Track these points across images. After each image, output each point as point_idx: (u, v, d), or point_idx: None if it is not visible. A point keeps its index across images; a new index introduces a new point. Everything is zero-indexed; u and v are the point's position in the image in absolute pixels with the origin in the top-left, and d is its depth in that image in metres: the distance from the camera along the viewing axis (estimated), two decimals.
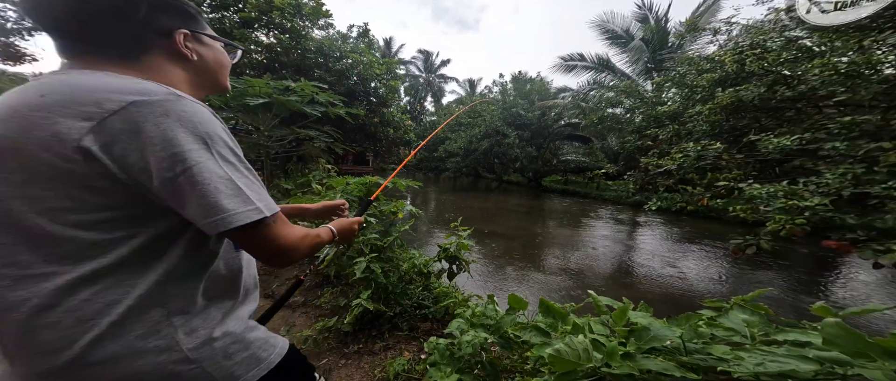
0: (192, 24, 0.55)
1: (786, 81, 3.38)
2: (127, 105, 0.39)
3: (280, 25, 6.92)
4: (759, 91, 3.57)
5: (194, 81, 0.57)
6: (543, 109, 14.64)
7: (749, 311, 0.74)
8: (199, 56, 0.55)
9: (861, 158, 2.14)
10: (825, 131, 2.61)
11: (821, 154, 2.57)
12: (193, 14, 0.55)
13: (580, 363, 0.54)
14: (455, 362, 1.09)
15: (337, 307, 2.28)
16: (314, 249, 0.57)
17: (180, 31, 0.52)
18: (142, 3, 0.47)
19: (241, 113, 4.05)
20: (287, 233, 0.49)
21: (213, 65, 0.58)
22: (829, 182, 2.14)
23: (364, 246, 2.02)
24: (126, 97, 0.40)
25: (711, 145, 3.15)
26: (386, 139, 9.90)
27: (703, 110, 4.15)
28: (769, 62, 3.40)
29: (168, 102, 0.41)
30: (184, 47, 0.52)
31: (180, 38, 0.52)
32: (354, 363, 1.81)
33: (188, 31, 0.53)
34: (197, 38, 0.55)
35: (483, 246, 5.30)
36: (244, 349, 0.50)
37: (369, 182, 2.35)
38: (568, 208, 10.51)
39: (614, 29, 12.03)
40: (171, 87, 0.46)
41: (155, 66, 0.50)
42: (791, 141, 2.58)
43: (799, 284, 4.54)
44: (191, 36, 0.54)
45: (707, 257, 5.53)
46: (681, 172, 3.46)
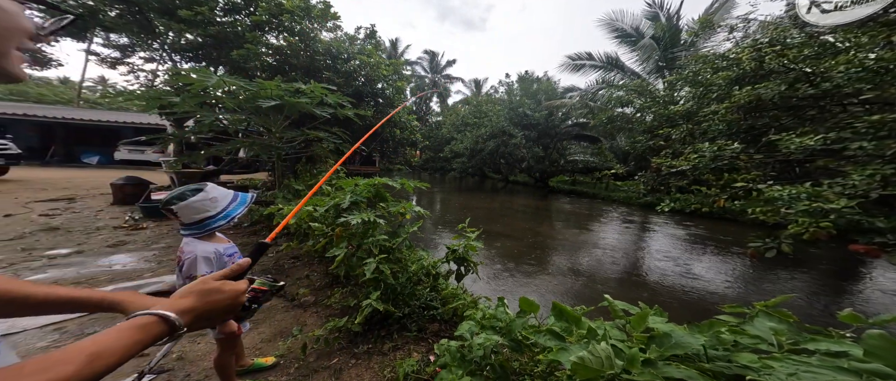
0: None
1: (808, 78, 3.25)
2: None
3: (289, 28, 7.03)
4: (780, 89, 3.45)
5: None
6: (550, 108, 14.48)
7: (776, 318, 0.72)
8: None
9: (890, 159, 2.04)
10: (851, 130, 2.50)
11: (846, 154, 2.47)
12: None
13: (603, 370, 0.53)
14: (466, 364, 1.09)
15: (347, 307, 2.30)
16: None
17: None
18: None
19: (254, 115, 4.13)
20: None
21: None
22: (856, 183, 2.05)
23: (373, 247, 2.03)
24: None
25: (728, 145, 3.05)
26: (393, 140, 9.95)
27: (718, 109, 4.03)
28: (790, 59, 3.27)
29: None
30: None
31: None
32: (364, 362, 1.82)
33: None
34: None
35: (489, 248, 5.27)
36: None
37: (378, 183, 2.36)
38: (576, 209, 10.36)
39: (623, 27, 11.80)
40: None
41: None
42: (815, 141, 2.48)
43: (819, 288, 4.36)
44: None
45: (723, 259, 5.37)
46: (696, 172, 3.37)
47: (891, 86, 2.45)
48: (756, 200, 2.43)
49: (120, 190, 5.63)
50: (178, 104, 3.69)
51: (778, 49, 3.34)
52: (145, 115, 15.32)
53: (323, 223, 2.59)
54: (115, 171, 11.15)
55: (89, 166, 12.93)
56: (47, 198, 5.92)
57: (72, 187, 7.29)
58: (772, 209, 2.24)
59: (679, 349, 0.63)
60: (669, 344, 0.64)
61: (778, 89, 3.39)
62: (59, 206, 5.39)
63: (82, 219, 4.61)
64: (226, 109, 4.09)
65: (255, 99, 3.60)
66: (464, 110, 20.08)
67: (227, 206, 1.17)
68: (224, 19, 6.88)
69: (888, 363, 0.45)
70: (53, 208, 5.20)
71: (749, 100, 3.51)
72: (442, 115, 26.13)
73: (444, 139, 20.01)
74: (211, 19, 6.49)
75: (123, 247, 3.55)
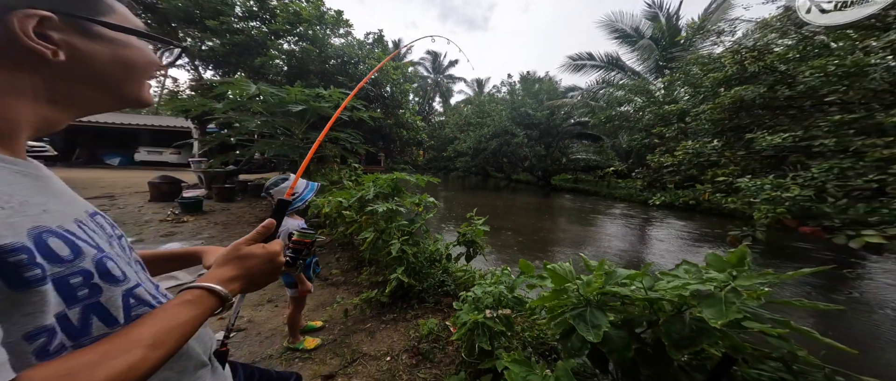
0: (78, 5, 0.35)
1: (785, 80, 3.56)
2: None
3: (303, 34, 7.46)
4: (760, 91, 3.76)
5: (53, 92, 0.36)
6: (552, 108, 14.76)
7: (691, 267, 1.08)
8: (74, 55, 0.35)
9: (852, 154, 2.35)
10: (817, 129, 2.82)
11: (813, 151, 2.80)
12: None
13: (568, 278, 0.90)
14: (478, 310, 1.47)
15: (375, 283, 2.70)
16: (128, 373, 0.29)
17: (29, 12, 0.32)
18: None
19: (278, 118, 4.55)
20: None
21: (103, 67, 0.37)
22: (816, 175, 2.38)
23: (396, 231, 2.42)
24: None
25: (709, 143, 3.38)
26: (399, 140, 10.35)
27: (704, 109, 4.35)
28: (767, 63, 3.58)
29: None
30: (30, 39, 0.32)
31: (25, 23, 0.32)
32: (392, 327, 2.22)
33: (54, 15, 0.33)
34: (82, 30, 0.35)
35: (494, 242, 5.62)
36: None
37: (397, 178, 2.76)
38: (578, 206, 10.64)
39: (623, 28, 12.02)
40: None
41: None
42: (783, 139, 2.81)
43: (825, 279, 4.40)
44: (61, 22, 0.34)
45: (716, 248, 5.66)
46: (682, 168, 3.69)
47: (850, 89, 2.77)
48: (731, 192, 2.75)
49: (157, 188, 6.15)
50: (219, 110, 4.13)
51: (756, 54, 3.65)
52: (161, 118, 15.90)
53: (352, 212, 3.00)
54: (136, 171, 11.71)
55: (111, 167, 13.55)
56: (90, 196, 6.44)
57: (107, 186, 7.83)
58: (743, 200, 2.57)
59: (622, 278, 1.01)
60: (616, 277, 1.02)
61: (758, 91, 3.70)
62: (104, 202, 5.91)
63: (129, 214, 5.09)
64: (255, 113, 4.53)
65: (285, 104, 4.01)
66: (466, 110, 20.38)
67: (302, 191, 1.57)
68: (240, 25, 7.32)
69: (717, 269, 0.82)
70: (100, 204, 5.70)
71: (733, 101, 3.83)
72: (445, 114, 26.46)
73: (447, 139, 20.37)
74: (233, 28, 6.93)
75: (174, 237, 4.01)
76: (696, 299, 0.75)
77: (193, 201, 5.13)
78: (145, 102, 0.43)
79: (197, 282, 0.40)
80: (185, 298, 0.37)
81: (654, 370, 0.93)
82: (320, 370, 1.69)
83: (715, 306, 0.70)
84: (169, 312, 0.35)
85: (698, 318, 0.79)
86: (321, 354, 1.85)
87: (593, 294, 0.92)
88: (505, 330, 1.44)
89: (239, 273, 0.44)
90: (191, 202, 5.13)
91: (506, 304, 1.50)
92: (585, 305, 0.91)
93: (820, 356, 1.12)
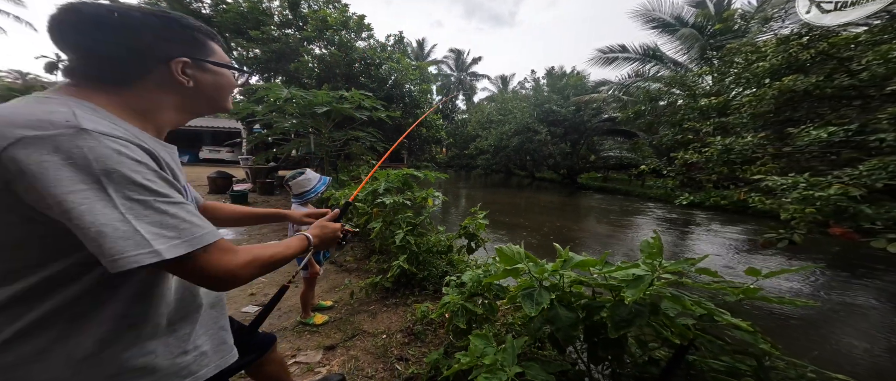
0: (197, 50, 0.56)
1: (845, 68, 3.09)
2: (14, 142, 0.38)
3: (331, 39, 8.02)
4: (813, 80, 3.31)
5: (185, 105, 0.59)
6: (579, 103, 14.03)
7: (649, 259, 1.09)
8: (197, 82, 0.57)
9: None
10: (876, 122, 2.45)
11: (870, 146, 2.44)
12: (201, 41, 0.57)
13: (515, 259, 0.97)
14: (462, 294, 1.57)
15: (381, 270, 2.91)
16: (271, 267, 0.57)
17: (178, 60, 0.53)
18: (143, 33, 0.50)
19: (308, 119, 5.01)
20: (223, 263, 0.48)
21: (209, 90, 0.59)
22: (864, 173, 2.10)
23: (402, 222, 2.60)
24: (17, 132, 0.38)
25: (742, 138, 3.05)
26: (419, 138, 10.64)
27: (745, 102, 3.91)
28: (821, 49, 3.13)
29: (61, 137, 0.39)
30: (179, 75, 0.54)
31: (177, 67, 0.53)
32: (393, 310, 2.40)
33: (188, 59, 0.54)
34: (199, 66, 0.56)
35: (513, 240, 5.59)
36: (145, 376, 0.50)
37: (406, 173, 2.94)
38: (606, 206, 10.06)
39: (662, 16, 10.98)
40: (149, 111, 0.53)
41: (143, 93, 0.52)
42: (831, 133, 2.47)
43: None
44: (191, 63, 0.55)
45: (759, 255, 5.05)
46: (710, 165, 3.38)
47: None
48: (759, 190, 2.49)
49: (214, 182, 7.20)
50: (259, 112, 4.69)
51: (805, 41, 3.19)
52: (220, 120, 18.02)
53: (365, 204, 3.26)
54: (200, 167, 13.44)
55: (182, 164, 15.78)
56: None
57: None
58: (772, 199, 2.32)
59: (576, 264, 1.06)
60: (571, 262, 1.07)
61: (811, 81, 3.25)
62: None
63: None
64: (289, 114, 5.05)
65: (311, 106, 4.43)
66: (489, 108, 20.16)
67: (315, 184, 1.81)
68: (278, 33, 8.09)
69: (648, 257, 0.84)
70: None
71: (777, 92, 3.40)
72: (468, 112, 26.41)
73: (469, 137, 20.34)
74: (272, 36, 7.70)
75: None
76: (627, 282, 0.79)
77: (241, 193, 5.89)
78: (228, 110, 0.67)
79: (303, 232, 0.74)
80: (298, 237, 0.71)
81: (610, 353, 0.97)
82: (324, 342, 1.93)
83: (634, 287, 0.74)
84: (291, 239, 0.69)
85: (640, 301, 0.82)
86: (327, 329, 2.09)
87: (544, 276, 0.98)
88: (486, 315, 1.53)
89: (320, 234, 0.77)
90: (239, 195, 5.89)
91: (488, 290, 1.58)
92: (538, 285, 0.98)
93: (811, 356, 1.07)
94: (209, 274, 0.48)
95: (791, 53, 3.37)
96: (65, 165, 0.39)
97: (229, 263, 0.50)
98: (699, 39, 10.04)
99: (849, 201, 1.85)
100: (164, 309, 0.54)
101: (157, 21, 0.52)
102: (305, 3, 8.26)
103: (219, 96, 0.62)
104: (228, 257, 0.50)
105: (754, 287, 0.88)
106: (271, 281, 2.78)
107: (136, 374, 0.50)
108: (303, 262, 1.19)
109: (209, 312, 0.64)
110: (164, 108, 0.56)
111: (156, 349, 0.53)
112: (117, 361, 0.49)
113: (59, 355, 0.45)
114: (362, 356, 1.81)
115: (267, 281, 2.77)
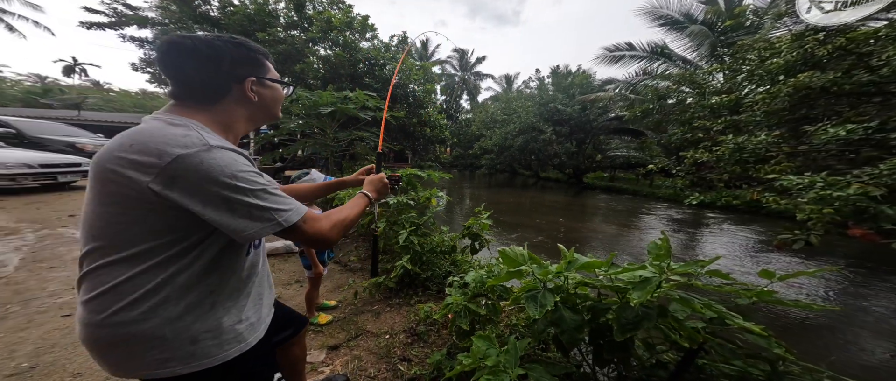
0: (260, 70, 0.67)
1: (865, 63, 2.97)
2: (175, 158, 0.52)
3: (336, 40, 8.09)
4: (831, 76, 3.19)
5: (253, 116, 0.70)
6: (585, 102, 13.85)
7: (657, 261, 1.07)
8: (260, 97, 0.68)
9: None
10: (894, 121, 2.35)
11: (892, 145, 2.34)
12: (261, 61, 0.68)
13: (519, 261, 0.95)
14: (465, 295, 1.56)
15: (386, 270, 2.92)
16: (349, 226, 0.73)
17: (249, 79, 0.65)
18: (224, 60, 0.62)
19: (313, 119, 5.06)
20: (315, 228, 0.65)
21: (269, 102, 0.71)
22: (883, 173, 2.01)
23: (405, 222, 2.60)
24: (175, 150, 0.52)
25: (755, 137, 2.96)
26: (423, 138, 10.65)
27: (757, 99, 3.79)
28: (838, 45, 3.02)
29: (201, 153, 0.53)
30: (250, 92, 0.66)
31: (248, 85, 0.65)
32: (396, 310, 2.40)
33: (255, 78, 0.66)
34: (261, 83, 0.68)
35: (517, 241, 5.55)
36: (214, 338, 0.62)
37: (410, 173, 2.94)
38: (612, 206, 9.92)
39: (670, 13, 10.76)
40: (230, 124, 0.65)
41: (225, 109, 0.65)
42: (850, 131, 2.38)
43: None
44: (256, 81, 0.66)
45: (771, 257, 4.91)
46: (721, 164, 3.29)
47: None
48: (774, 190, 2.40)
49: None
50: None
51: (822, 36, 3.07)
52: None
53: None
54: None
55: None
56: None
57: None
58: (787, 199, 2.24)
59: (581, 266, 1.03)
60: (576, 263, 1.04)
61: (828, 77, 3.14)
62: None
63: None
64: (295, 115, 5.11)
65: (316, 106, 4.46)
66: (493, 107, 20.07)
67: None
68: (284, 35, 8.20)
69: (656, 259, 0.81)
70: None
71: (791, 90, 3.28)
72: (472, 112, 26.34)
73: (473, 136, 20.30)
74: (278, 38, 7.80)
75: None
76: (633, 284, 0.77)
77: None
78: (278, 118, 0.78)
79: (363, 190, 0.92)
80: (359, 196, 0.88)
81: (616, 355, 0.94)
82: (328, 342, 1.93)
83: (641, 289, 0.71)
84: (355, 200, 0.84)
85: (647, 304, 0.80)
86: (331, 329, 2.10)
87: (548, 278, 0.96)
88: (490, 316, 1.51)
89: (374, 188, 0.95)
90: None
91: (491, 291, 1.57)
92: (542, 287, 0.96)
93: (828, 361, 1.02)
94: (310, 236, 0.65)
95: (807, 49, 3.25)
96: (210, 171, 0.54)
97: (318, 228, 0.66)
98: (709, 36, 9.81)
99: (869, 202, 1.78)
100: (235, 282, 0.66)
101: (232, 47, 0.64)
102: (310, 5, 8.35)
103: (274, 107, 0.73)
104: (320, 223, 0.67)
105: (768, 290, 0.85)
106: (279, 281, 2.81)
107: (208, 335, 0.61)
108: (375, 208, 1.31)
109: (256, 288, 0.73)
110: (239, 120, 0.68)
111: (222, 316, 0.64)
112: (198, 322, 0.60)
113: (162, 315, 0.57)
114: (365, 356, 1.81)
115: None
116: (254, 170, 0.60)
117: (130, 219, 0.55)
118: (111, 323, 0.55)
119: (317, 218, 0.67)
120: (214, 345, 0.62)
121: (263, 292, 0.76)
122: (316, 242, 0.66)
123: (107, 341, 0.56)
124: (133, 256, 0.56)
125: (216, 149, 0.56)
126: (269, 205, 0.59)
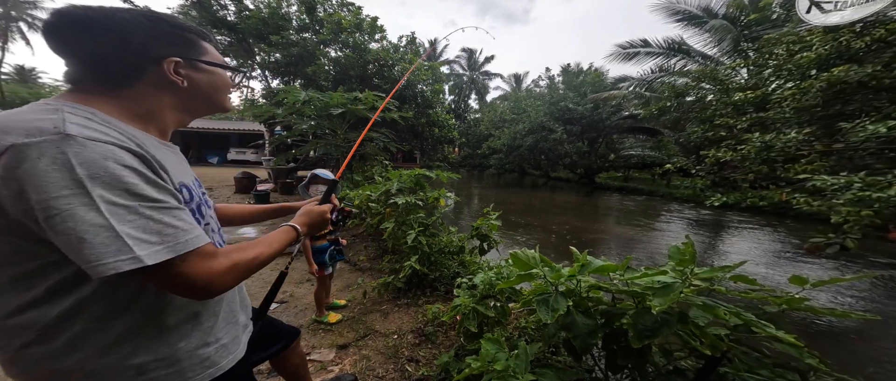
0: (189, 50, 0.56)
1: None
2: (6, 149, 0.39)
3: (346, 42, 8.23)
4: (870, 70, 2.96)
5: (184, 105, 0.59)
6: (597, 101, 13.50)
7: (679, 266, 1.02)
8: (191, 82, 0.57)
9: None
10: None
11: None
12: (193, 40, 0.57)
13: (530, 264, 0.93)
14: (473, 296, 1.54)
15: (394, 270, 2.93)
16: (254, 269, 0.55)
17: (170, 59, 0.53)
18: (134, 36, 0.50)
19: (325, 120, 5.16)
20: (202, 269, 0.47)
21: (205, 89, 0.59)
22: None
23: (414, 222, 2.60)
24: (9, 139, 0.39)
25: (784, 135, 2.79)
26: (431, 138, 10.67)
27: (786, 95, 3.56)
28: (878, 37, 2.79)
29: (46, 143, 0.39)
30: (172, 75, 0.54)
31: (169, 66, 0.53)
32: (404, 310, 2.40)
33: (180, 59, 0.54)
34: (191, 65, 0.56)
35: (527, 243, 5.46)
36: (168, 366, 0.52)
37: (419, 173, 2.94)
38: (627, 207, 9.62)
39: (687, 8, 10.31)
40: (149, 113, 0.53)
41: (140, 95, 0.53)
42: (889, 128, 2.20)
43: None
44: (184, 63, 0.55)
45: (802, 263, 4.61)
46: (747, 164, 3.12)
47: None
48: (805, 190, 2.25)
49: (239, 182, 7.72)
50: (280, 114, 4.90)
51: (859, 28, 2.85)
52: (245, 123, 19.06)
53: (378, 204, 3.30)
54: (228, 168, 14.26)
55: (211, 165, 16.85)
56: None
57: (206, 181, 9.83)
58: (821, 201, 2.09)
59: (595, 269, 1.00)
60: (590, 267, 1.01)
61: (865, 71, 2.92)
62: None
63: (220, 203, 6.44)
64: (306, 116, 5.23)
65: (328, 107, 4.56)
66: (502, 106, 19.90)
67: None
68: (296, 38, 8.41)
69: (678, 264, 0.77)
70: None
71: (824, 84, 3.06)
72: (480, 112, 26.21)
73: (481, 136, 20.19)
74: (292, 41, 8.03)
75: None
76: (653, 290, 0.73)
77: (263, 193, 6.22)
78: (228, 109, 0.67)
79: (290, 222, 0.71)
80: (282, 229, 0.67)
81: (631, 361, 0.91)
82: (337, 341, 1.96)
83: (662, 295, 0.68)
84: (275, 234, 0.64)
85: (667, 310, 0.76)
86: (340, 328, 2.12)
87: (560, 282, 0.93)
88: (498, 318, 1.49)
89: (307, 222, 0.74)
90: (261, 194, 6.23)
91: (500, 293, 1.54)
92: (554, 291, 0.93)
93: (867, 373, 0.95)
94: (185, 284, 0.46)
95: (841, 42, 3.03)
96: (52, 170, 0.39)
97: (206, 270, 0.47)
98: (732, 31, 9.35)
99: None
100: (186, 302, 0.56)
101: (147, 21, 0.52)
102: (321, 7, 8.54)
103: (215, 95, 0.62)
104: (209, 263, 0.48)
105: (800, 297, 0.79)
106: (291, 279, 2.87)
107: (159, 365, 0.52)
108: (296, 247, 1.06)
109: (227, 306, 0.65)
110: (163, 108, 0.57)
111: (177, 342, 0.54)
112: (140, 352, 0.51)
113: (87, 346, 0.48)
114: (374, 355, 1.82)
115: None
116: (134, 176, 0.44)
117: None
118: (23, 360, 0.46)
119: (212, 255, 0.49)
120: (172, 374, 0.53)
121: (236, 308, 0.67)
122: (194, 291, 0.48)
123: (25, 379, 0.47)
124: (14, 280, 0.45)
125: (74, 140, 0.41)
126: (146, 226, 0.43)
